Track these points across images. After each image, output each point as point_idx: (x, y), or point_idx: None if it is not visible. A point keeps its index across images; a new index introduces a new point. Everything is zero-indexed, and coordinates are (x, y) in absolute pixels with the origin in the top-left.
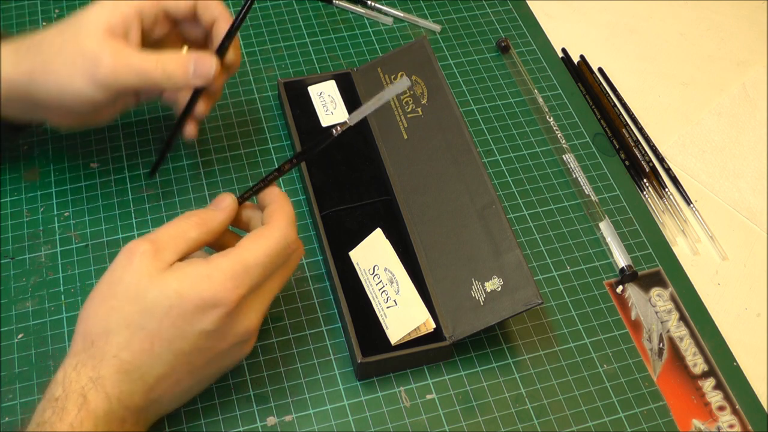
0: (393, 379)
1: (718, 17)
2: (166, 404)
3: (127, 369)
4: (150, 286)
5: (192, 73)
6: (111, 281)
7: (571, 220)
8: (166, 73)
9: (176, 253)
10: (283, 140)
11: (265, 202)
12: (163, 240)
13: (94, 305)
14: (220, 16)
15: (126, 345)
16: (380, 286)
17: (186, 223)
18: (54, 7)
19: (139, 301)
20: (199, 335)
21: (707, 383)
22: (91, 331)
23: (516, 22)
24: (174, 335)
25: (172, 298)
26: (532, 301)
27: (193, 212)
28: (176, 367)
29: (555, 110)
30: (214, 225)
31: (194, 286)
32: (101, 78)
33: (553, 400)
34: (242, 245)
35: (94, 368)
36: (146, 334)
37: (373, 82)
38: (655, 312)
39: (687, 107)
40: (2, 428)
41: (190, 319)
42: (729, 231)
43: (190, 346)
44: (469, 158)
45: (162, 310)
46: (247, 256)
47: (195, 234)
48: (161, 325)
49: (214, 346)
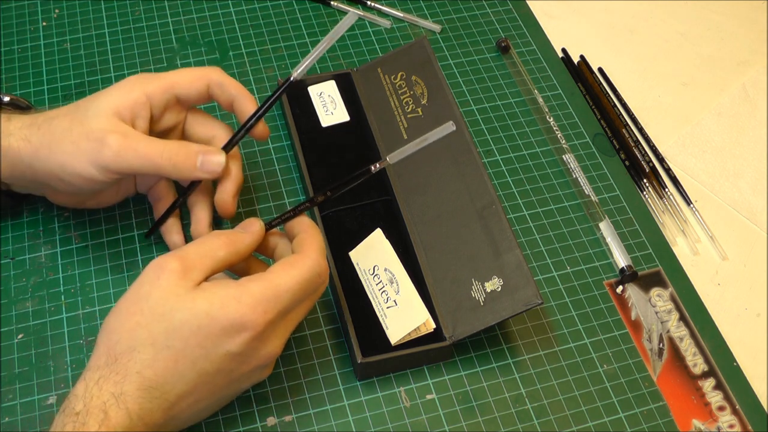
0: (393, 379)
1: (718, 17)
2: (184, 421)
3: (149, 386)
4: (178, 305)
5: (199, 167)
6: (138, 297)
7: (571, 220)
8: (172, 162)
9: (204, 272)
10: (283, 140)
11: (294, 231)
12: (192, 258)
13: (120, 320)
14: (238, 95)
15: (150, 363)
16: (380, 287)
17: (215, 243)
18: (54, 7)
19: (166, 319)
20: (224, 357)
21: (707, 383)
22: (116, 346)
23: (516, 22)
24: (199, 355)
25: (201, 318)
26: (532, 301)
27: (222, 231)
28: (198, 386)
29: (555, 110)
30: (242, 247)
31: (223, 307)
32: (104, 160)
33: (553, 401)
34: (274, 271)
35: (116, 384)
36: (171, 353)
37: (373, 82)
38: (655, 312)
39: (687, 107)
40: (2, 428)
41: (217, 340)
42: (729, 231)
43: (214, 367)
44: (469, 158)
45: (189, 329)
46: (279, 282)
47: (223, 254)
48: (187, 344)
49: (237, 369)
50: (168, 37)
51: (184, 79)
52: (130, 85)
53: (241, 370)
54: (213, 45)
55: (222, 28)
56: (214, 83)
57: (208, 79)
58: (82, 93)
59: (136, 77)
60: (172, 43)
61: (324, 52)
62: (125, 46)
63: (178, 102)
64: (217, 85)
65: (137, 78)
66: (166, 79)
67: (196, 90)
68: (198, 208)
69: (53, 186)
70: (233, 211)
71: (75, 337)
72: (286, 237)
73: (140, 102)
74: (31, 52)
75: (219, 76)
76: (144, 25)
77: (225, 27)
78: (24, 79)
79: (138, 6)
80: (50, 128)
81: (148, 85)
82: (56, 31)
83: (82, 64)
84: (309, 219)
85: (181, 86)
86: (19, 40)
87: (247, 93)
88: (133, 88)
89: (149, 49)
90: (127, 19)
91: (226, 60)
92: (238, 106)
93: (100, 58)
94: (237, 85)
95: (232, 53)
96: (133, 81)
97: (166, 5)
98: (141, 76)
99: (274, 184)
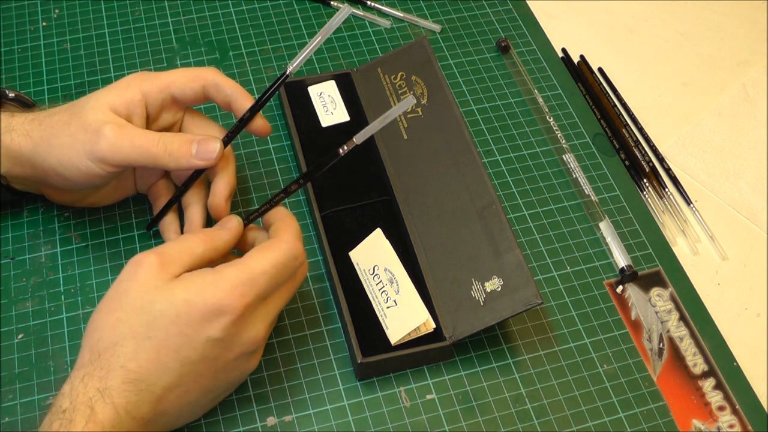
0: (393, 379)
1: (718, 17)
2: (175, 417)
3: (134, 379)
4: (156, 296)
5: (195, 154)
6: (117, 293)
7: (571, 220)
8: (167, 151)
9: (182, 266)
10: (283, 140)
11: (270, 220)
12: (170, 254)
13: (101, 317)
14: (234, 94)
15: (133, 356)
16: (380, 286)
17: (194, 240)
18: (54, 7)
19: (146, 311)
20: (205, 343)
21: (707, 383)
22: (98, 343)
23: (516, 22)
24: (180, 343)
25: (179, 305)
26: (532, 301)
27: (200, 230)
28: (183, 376)
29: (555, 110)
30: (220, 243)
31: (200, 293)
32: (101, 151)
33: (553, 400)
34: (249, 255)
35: (101, 379)
36: (153, 344)
37: (373, 82)
38: (655, 312)
39: (687, 107)
40: (2, 428)
41: (197, 326)
42: (729, 231)
43: (197, 355)
44: (469, 158)
45: (168, 318)
46: (254, 266)
47: (201, 250)
48: (168, 333)
49: (220, 355)
50: (168, 37)
51: (180, 79)
52: (126, 83)
53: (225, 357)
54: (213, 45)
55: (222, 28)
56: (209, 84)
57: (204, 80)
58: (82, 93)
59: (133, 76)
60: (172, 43)
61: (319, 45)
62: (125, 46)
63: (174, 102)
64: (213, 86)
65: (134, 76)
66: (162, 78)
67: (192, 90)
68: (192, 209)
69: (52, 183)
70: (226, 214)
71: (75, 337)
72: (264, 231)
73: (136, 99)
74: (31, 52)
75: (215, 77)
76: (144, 25)
77: (225, 27)
78: (24, 79)
79: (138, 6)
80: (50, 123)
81: (144, 83)
82: (56, 31)
83: (82, 64)
84: (285, 209)
85: (176, 86)
86: (19, 40)
87: (244, 92)
88: (130, 85)
89: (149, 49)
90: (127, 19)
91: (226, 60)
92: (235, 105)
93: (100, 58)
94: (233, 85)
95: (232, 53)
96: (129, 79)
97: (166, 5)
98: (138, 74)
99: (274, 184)
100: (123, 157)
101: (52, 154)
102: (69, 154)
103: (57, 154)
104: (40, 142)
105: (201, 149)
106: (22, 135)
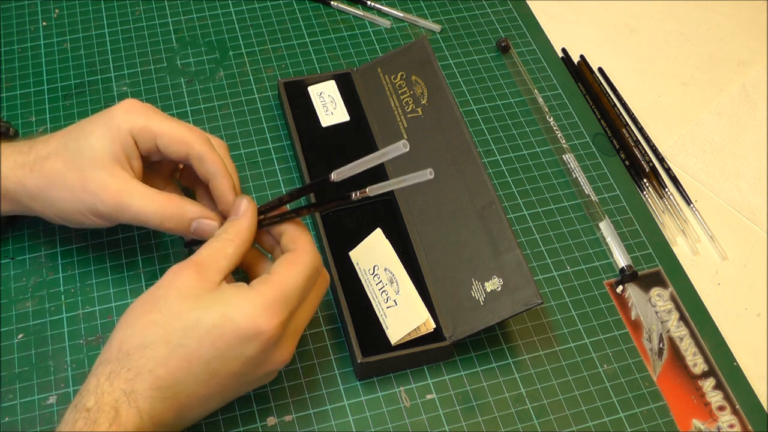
0: (393, 379)
1: (718, 17)
2: (191, 419)
3: (162, 386)
4: (195, 304)
5: (192, 232)
6: (154, 297)
7: (571, 220)
8: (164, 226)
9: (219, 271)
10: (283, 140)
11: (281, 229)
12: (205, 260)
13: (134, 316)
14: (216, 173)
15: (164, 361)
16: (380, 286)
17: (220, 241)
18: (54, 7)
19: (183, 317)
20: (238, 360)
21: (707, 383)
22: (129, 340)
23: (516, 22)
24: (213, 356)
25: (215, 317)
26: (532, 301)
27: (221, 228)
28: (210, 387)
29: (555, 110)
30: (245, 233)
31: (237, 307)
32: (100, 212)
33: (553, 400)
34: (278, 272)
35: (128, 381)
36: (185, 352)
37: (373, 82)
38: (655, 312)
39: (687, 107)
40: (2, 428)
41: (231, 342)
42: (729, 231)
43: (227, 370)
44: (469, 158)
45: (204, 328)
46: (286, 282)
47: (231, 249)
48: (201, 343)
49: (249, 372)
50: (168, 37)
51: (168, 134)
52: (116, 126)
53: (254, 374)
54: (213, 45)
55: (222, 28)
56: (194, 154)
57: (191, 149)
58: (82, 93)
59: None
60: (172, 43)
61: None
62: (125, 46)
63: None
64: (197, 158)
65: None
66: (152, 126)
67: (176, 152)
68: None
69: (53, 222)
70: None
71: (75, 337)
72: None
73: (130, 144)
74: (31, 52)
75: (201, 149)
76: (144, 25)
77: (225, 27)
78: (24, 79)
79: (138, 6)
80: (43, 171)
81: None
82: (56, 31)
83: (82, 64)
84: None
85: (162, 141)
86: (19, 40)
87: (225, 172)
88: (120, 128)
89: (149, 49)
90: (127, 19)
91: (226, 60)
92: (213, 183)
93: (100, 58)
94: (217, 163)
95: (232, 53)
96: (119, 120)
97: (166, 5)
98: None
99: (274, 184)
100: (121, 220)
101: (53, 207)
102: (69, 207)
103: (58, 207)
104: (37, 193)
105: (199, 229)
106: (15, 183)
